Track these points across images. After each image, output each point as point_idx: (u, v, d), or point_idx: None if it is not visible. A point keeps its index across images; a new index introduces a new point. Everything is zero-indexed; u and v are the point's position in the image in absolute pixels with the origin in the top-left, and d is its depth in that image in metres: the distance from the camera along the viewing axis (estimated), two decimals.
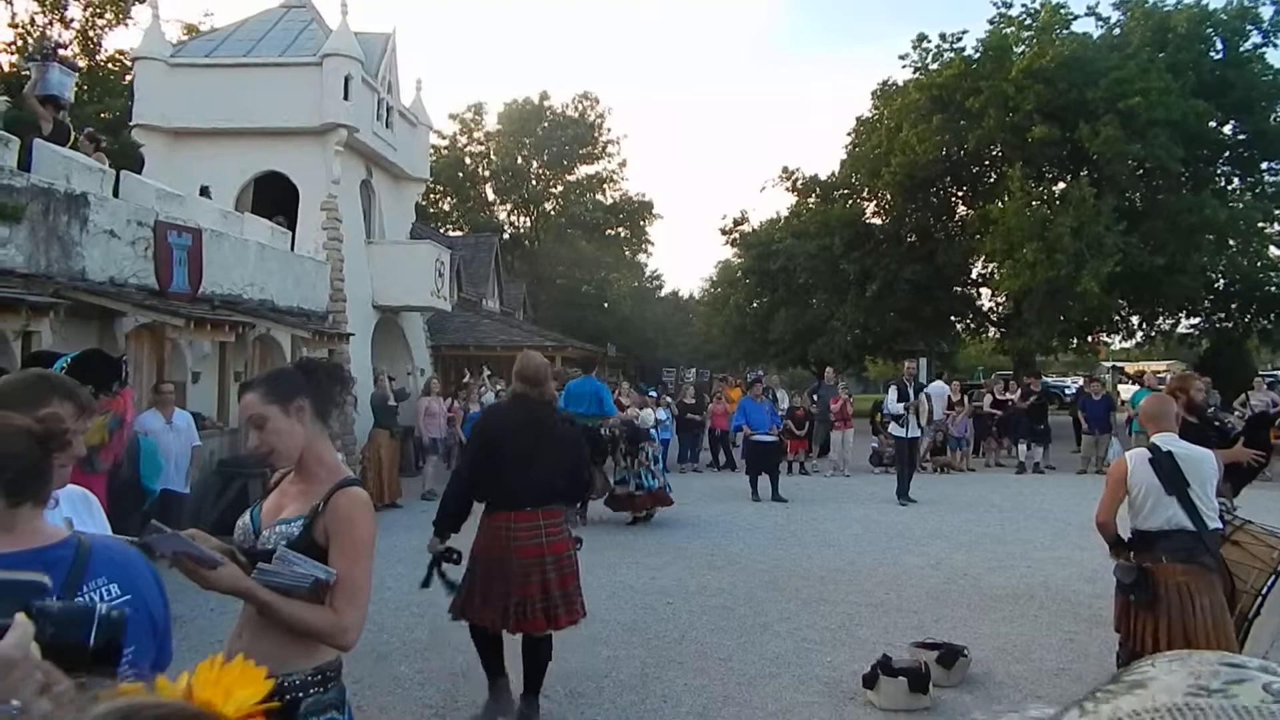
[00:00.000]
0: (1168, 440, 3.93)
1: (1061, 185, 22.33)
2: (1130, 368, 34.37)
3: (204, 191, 12.11)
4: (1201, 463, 3.84)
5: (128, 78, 18.89)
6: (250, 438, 2.17)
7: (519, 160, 41.02)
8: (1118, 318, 23.85)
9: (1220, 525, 3.96)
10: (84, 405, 2.04)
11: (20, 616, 0.72)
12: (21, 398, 1.95)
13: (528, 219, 42.62)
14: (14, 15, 19.61)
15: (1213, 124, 21.96)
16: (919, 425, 11.91)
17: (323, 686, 2.10)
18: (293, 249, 13.33)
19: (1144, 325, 25.56)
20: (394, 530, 9.64)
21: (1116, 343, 31.99)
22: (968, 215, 25.09)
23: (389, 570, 7.64)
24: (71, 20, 21.52)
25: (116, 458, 5.26)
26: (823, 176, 27.67)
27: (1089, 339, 25.28)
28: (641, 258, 46.87)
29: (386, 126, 15.89)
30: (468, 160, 41.15)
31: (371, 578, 2.17)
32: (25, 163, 8.13)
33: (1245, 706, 0.46)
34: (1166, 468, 3.80)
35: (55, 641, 0.74)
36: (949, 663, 4.77)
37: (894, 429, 12.04)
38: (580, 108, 41.64)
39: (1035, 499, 11.81)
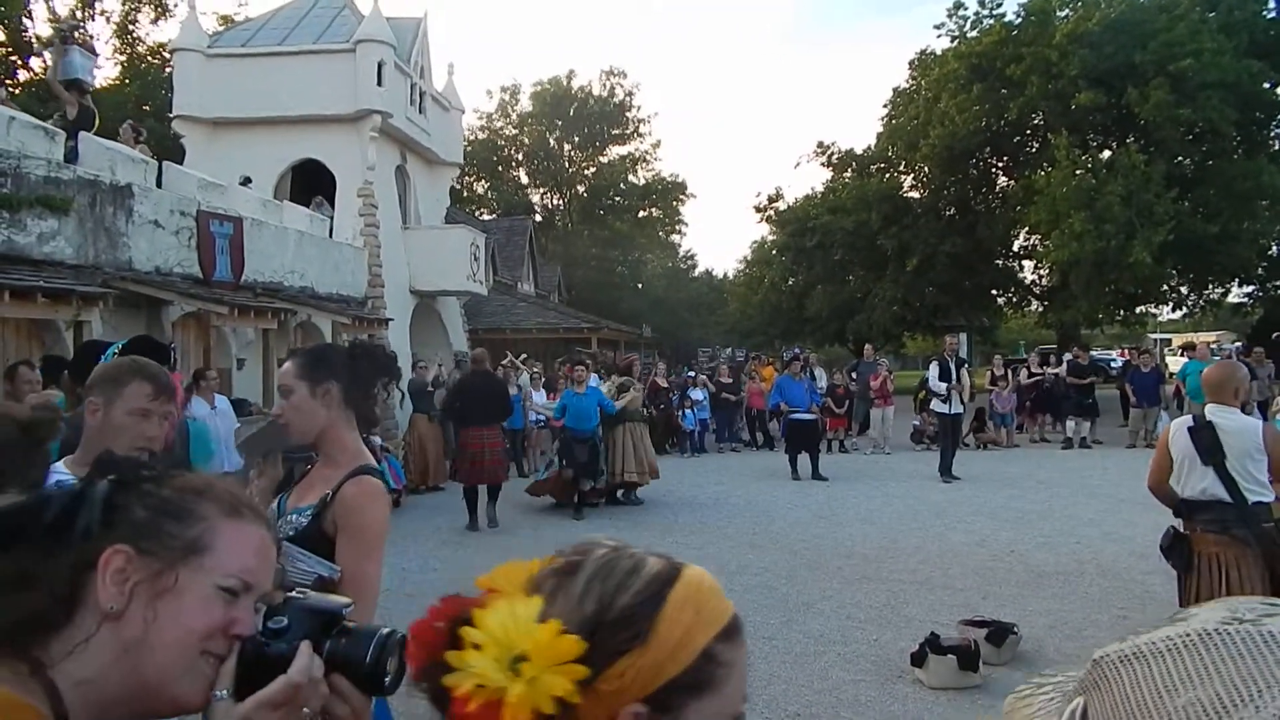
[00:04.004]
0: (1216, 411, 3.85)
1: (1108, 153, 21.68)
2: (1178, 339, 33.43)
3: (245, 181, 12.27)
4: (1242, 435, 3.74)
5: (167, 70, 19.17)
6: (277, 403, 2.20)
7: (551, 142, 40.93)
8: (1166, 288, 23.19)
9: (1267, 499, 3.82)
10: (163, 387, 2.11)
11: (304, 644, 0.88)
12: (107, 378, 2.07)
13: (561, 201, 42.59)
14: (53, 11, 19.94)
15: (1267, 85, 21.12)
16: (961, 401, 11.72)
17: None
18: (331, 236, 13.47)
19: (1193, 295, 24.84)
20: (437, 513, 9.77)
21: (1164, 314, 31.17)
22: (1009, 186, 24.52)
23: (433, 552, 7.74)
24: (110, 14, 21.86)
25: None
26: (859, 150, 27.22)
27: (1136, 310, 24.63)
28: (675, 238, 46.69)
29: (420, 111, 15.93)
30: (501, 143, 41.16)
31: (380, 570, 2.08)
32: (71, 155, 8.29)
33: (1272, 632, 0.50)
34: (1205, 438, 3.75)
35: (335, 657, 0.89)
36: (999, 641, 4.70)
37: (936, 405, 11.87)
38: (608, 84, 41.28)
39: (1083, 474, 11.57)
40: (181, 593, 0.85)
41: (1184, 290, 24.22)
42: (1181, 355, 22.84)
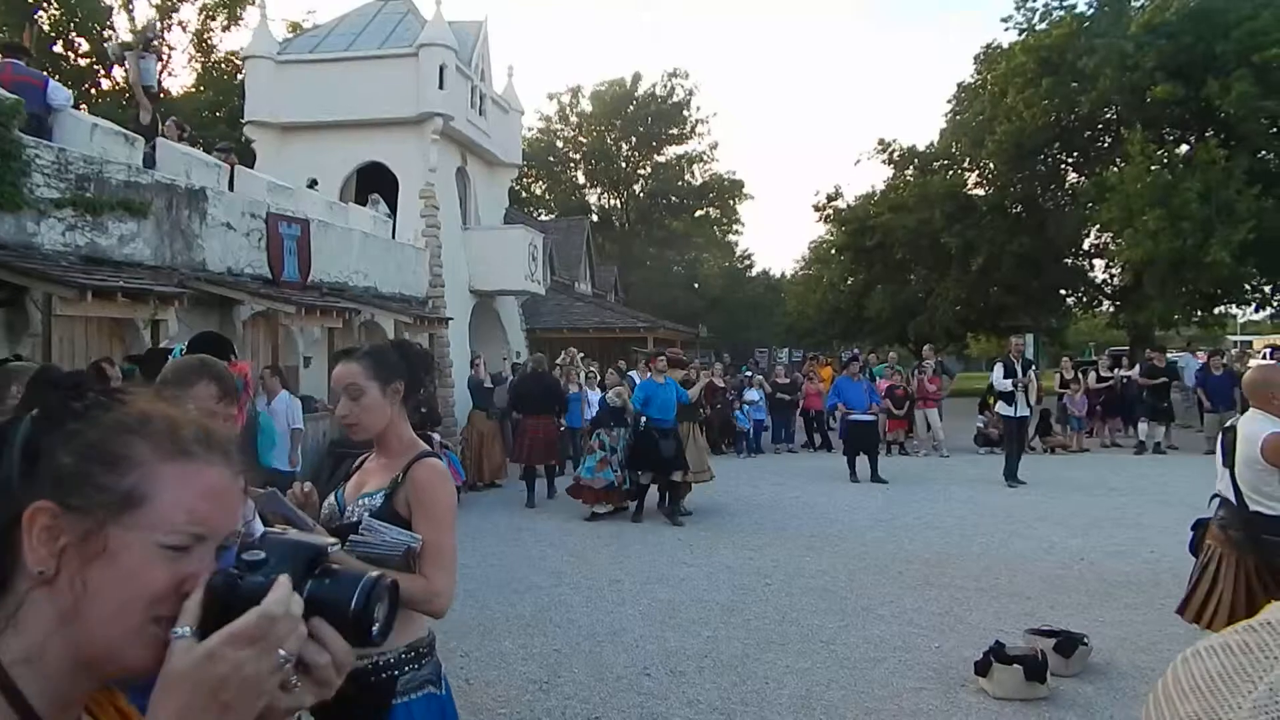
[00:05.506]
0: (1246, 417, 3.86)
1: (1186, 147, 20.83)
2: (1260, 341, 31.91)
3: (312, 184, 12.59)
4: (1247, 443, 3.76)
5: (239, 77, 19.80)
6: (341, 405, 2.21)
7: (608, 142, 41.06)
8: (1248, 288, 22.17)
9: (1266, 511, 3.70)
10: (228, 389, 2.18)
11: (283, 576, 0.76)
12: (175, 378, 2.13)
13: (618, 201, 42.72)
14: (134, 21, 20.78)
15: None
16: (1028, 404, 11.39)
17: (417, 663, 2.10)
18: (393, 237, 13.75)
19: (1277, 296, 23.69)
20: (494, 509, 9.90)
21: (1245, 314, 29.78)
22: (1079, 183, 23.74)
23: (492, 548, 7.83)
24: (186, 24, 22.69)
25: (244, 421, 5.47)
26: (921, 148, 26.69)
27: (1215, 311, 23.60)
28: (732, 238, 46.41)
29: (480, 114, 16.16)
30: (559, 144, 41.46)
31: (455, 543, 2.19)
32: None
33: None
34: (1226, 440, 3.91)
35: (317, 599, 0.78)
36: (1068, 651, 4.54)
37: (1001, 408, 11.56)
38: (669, 85, 41.17)
39: (1157, 481, 11.13)
40: (114, 556, 0.72)
41: (1267, 290, 23.15)
42: (1266, 357, 21.81)
